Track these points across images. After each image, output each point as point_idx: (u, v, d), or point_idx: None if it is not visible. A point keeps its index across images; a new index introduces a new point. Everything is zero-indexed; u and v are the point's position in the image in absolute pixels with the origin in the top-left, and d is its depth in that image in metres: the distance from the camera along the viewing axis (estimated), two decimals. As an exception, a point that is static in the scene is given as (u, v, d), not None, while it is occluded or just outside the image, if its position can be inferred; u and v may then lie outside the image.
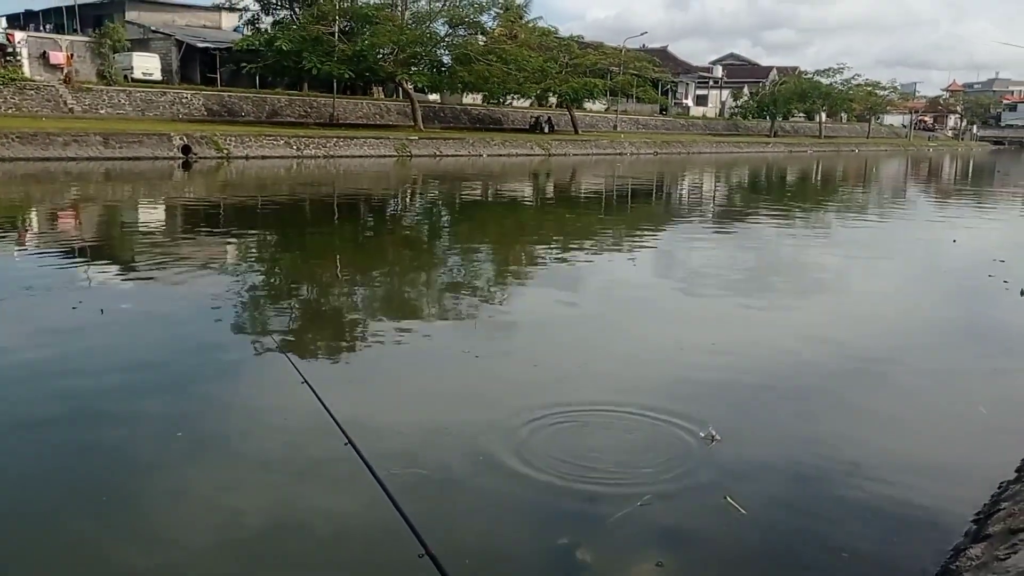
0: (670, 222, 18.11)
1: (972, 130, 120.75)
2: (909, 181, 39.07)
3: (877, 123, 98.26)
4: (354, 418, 4.70)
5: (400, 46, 40.75)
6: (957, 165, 57.33)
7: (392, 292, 9.42)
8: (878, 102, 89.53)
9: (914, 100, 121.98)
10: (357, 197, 20.95)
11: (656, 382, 5.91)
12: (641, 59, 61.11)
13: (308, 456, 4.49)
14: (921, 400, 5.90)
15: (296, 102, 42.30)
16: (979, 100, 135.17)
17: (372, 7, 42.97)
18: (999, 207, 24.86)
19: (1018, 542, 2.93)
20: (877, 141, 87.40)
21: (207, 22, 49.52)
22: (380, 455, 4.15)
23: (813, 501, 4.22)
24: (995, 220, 20.54)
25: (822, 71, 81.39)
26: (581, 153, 45.28)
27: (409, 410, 5.33)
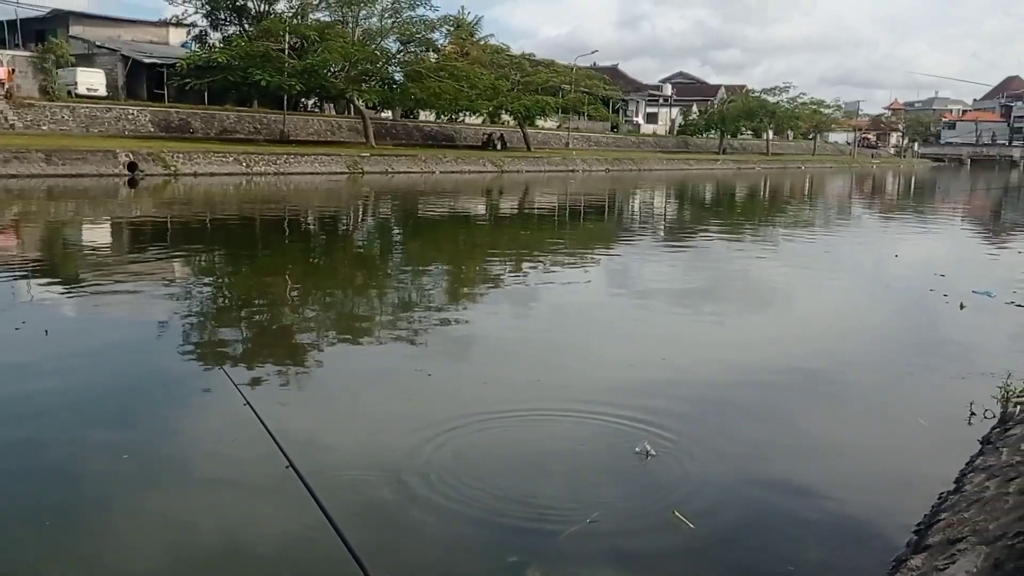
0: (623, 238, 18.25)
1: (914, 147, 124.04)
2: (854, 197, 39.95)
3: (822, 140, 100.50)
4: (298, 439, 4.65)
5: (351, 62, 40.64)
6: (900, 182, 58.80)
7: (344, 311, 9.34)
8: (823, 120, 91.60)
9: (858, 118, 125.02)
10: (308, 214, 20.76)
11: (606, 399, 5.92)
12: (592, 77, 61.78)
13: (249, 479, 4.42)
14: (865, 413, 6.00)
15: (246, 119, 41.87)
16: (920, 118, 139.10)
17: (321, 24, 42.83)
18: (940, 223, 25.53)
19: (956, 552, 2.99)
20: (823, 158, 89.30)
21: (154, 37, 48.79)
22: (323, 477, 4.10)
23: (759, 514, 4.25)
24: (936, 235, 21.08)
25: (769, 90, 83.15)
26: (534, 170, 45.51)
27: (356, 430, 5.27)
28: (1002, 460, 3.98)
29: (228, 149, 32.67)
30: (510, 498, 4.29)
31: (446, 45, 50.15)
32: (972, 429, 5.34)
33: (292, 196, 26.13)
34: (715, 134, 79.91)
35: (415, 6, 43.21)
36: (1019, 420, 4.78)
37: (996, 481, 3.64)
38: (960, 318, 9.07)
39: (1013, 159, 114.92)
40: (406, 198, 27.13)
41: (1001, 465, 3.90)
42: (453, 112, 49.49)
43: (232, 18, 45.30)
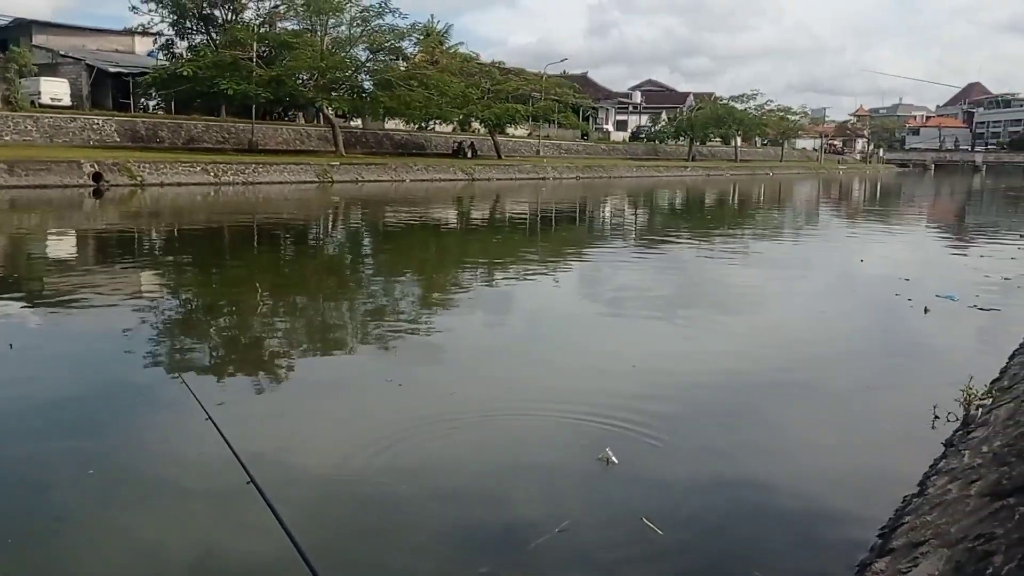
0: (594, 245, 18.32)
1: (879, 153, 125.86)
2: (821, 203, 40.41)
3: (790, 147, 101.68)
4: (260, 453, 4.60)
5: (320, 71, 40.49)
6: (866, 187, 59.57)
7: (313, 321, 9.27)
8: (790, 127, 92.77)
9: (824, 125, 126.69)
10: (277, 224, 20.60)
11: (575, 406, 5.92)
12: (562, 85, 62.00)
13: (209, 495, 4.36)
14: (831, 417, 6.05)
15: (214, 128, 41.51)
16: (885, 124, 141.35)
17: (290, 33, 42.63)
18: (905, 227, 25.89)
19: (919, 555, 3.01)
20: (790, 164, 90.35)
21: (119, 46, 48.28)
22: (284, 491, 4.06)
23: (727, 520, 4.27)
24: (901, 240, 21.36)
25: (736, 97, 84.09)
26: (504, 178, 45.55)
27: (320, 442, 5.21)
28: (964, 463, 4.02)
29: (196, 159, 32.40)
30: (478, 508, 4.29)
31: (416, 53, 50.11)
32: (936, 432, 5.40)
33: (261, 206, 25.94)
34: (684, 140, 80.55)
35: (383, 14, 43.24)
36: (980, 423, 4.84)
37: (958, 484, 3.68)
38: (924, 322, 9.20)
39: (976, 164, 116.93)
40: (376, 207, 27.03)
41: (963, 468, 3.94)
42: (423, 120, 49.45)
43: (199, 27, 44.97)
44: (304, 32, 43.28)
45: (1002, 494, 3.09)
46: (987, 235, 22.34)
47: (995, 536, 2.70)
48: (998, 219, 29.85)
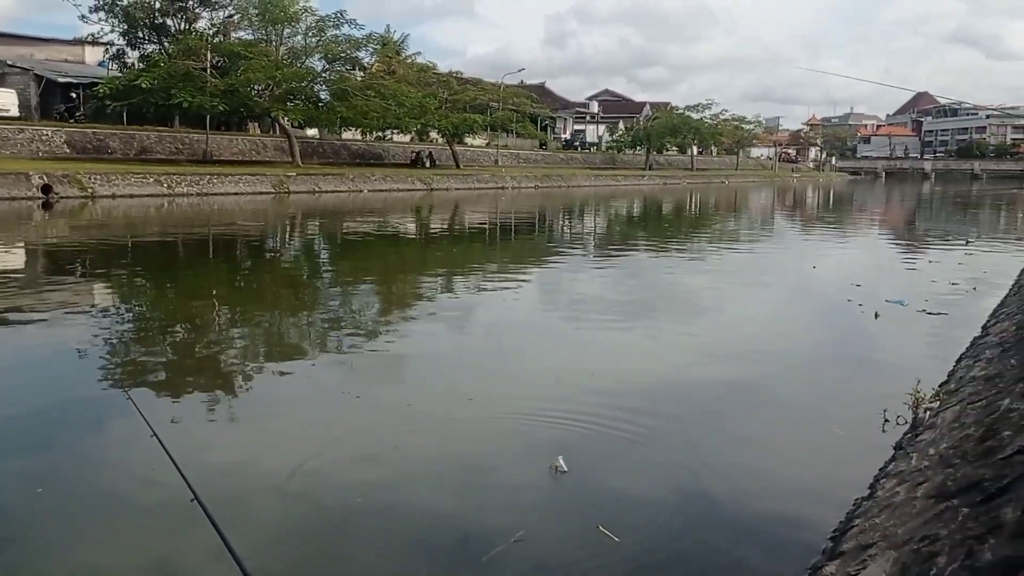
0: (553, 254, 18.36)
1: (832, 161, 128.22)
2: (776, 211, 41.01)
3: (745, 156, 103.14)
4: (208, 470, 4.53)
5: (275, 81, 40.15)
6: (819, 195, 60.63)
7: (269, 334, 9.15)
8: (745, 136, 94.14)
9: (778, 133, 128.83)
10: (233, 236, 20.34)
11: (532, 416, 5.92)
12: (520, 95, 62.27)
13: (152, 514, 4.26)
14: (785, 422, 6.13)
15: (167, 138, 40.91)
16: (837, 133, 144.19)
17: (244, 43, 42.23)
18: (856, 234, 26.38)
19: (868, 558, 3.05)
20: (745, 173, 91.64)
21: (69, 56, 47.38)
22: (231, 509, 4.00)
23: (682, 525, 4.29)
24: (852, 246, 21.77)
25: (692, 106, 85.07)
26: (463, 187, 45.54)
27: (270, 458, 5.11)
28: (912, 465, 4.09)
29: (148, 170, 31.90)
30: (433, 520, 4.25)
31: (373, 63, 49.97)
32: (886, 435, 5.48)
33: (216, 217, 25.61)
34: (641, 150, 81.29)
35: (340, 25, 43.03)
36: (928, 425, 4.93)
37: (906, 486, 3.74)
38: (875, 327, 9.36)
39: (925, 171, 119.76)
40: (334, 217, 26.84)
41: (911, 470, 4.01)
42: (381, 130, 49.30)
43: (151, 37, 44.31)
44: (259, 42, 42.92)
45: (947, 495, 3.14)
46: (936, 241, 22.84)
47: (939, 537, 2.74)
48: (946, 225, 30.54)
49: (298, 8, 42.41)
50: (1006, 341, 6.48)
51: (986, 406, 4.37)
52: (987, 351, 6.58)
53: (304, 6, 42.97)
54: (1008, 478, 2.89)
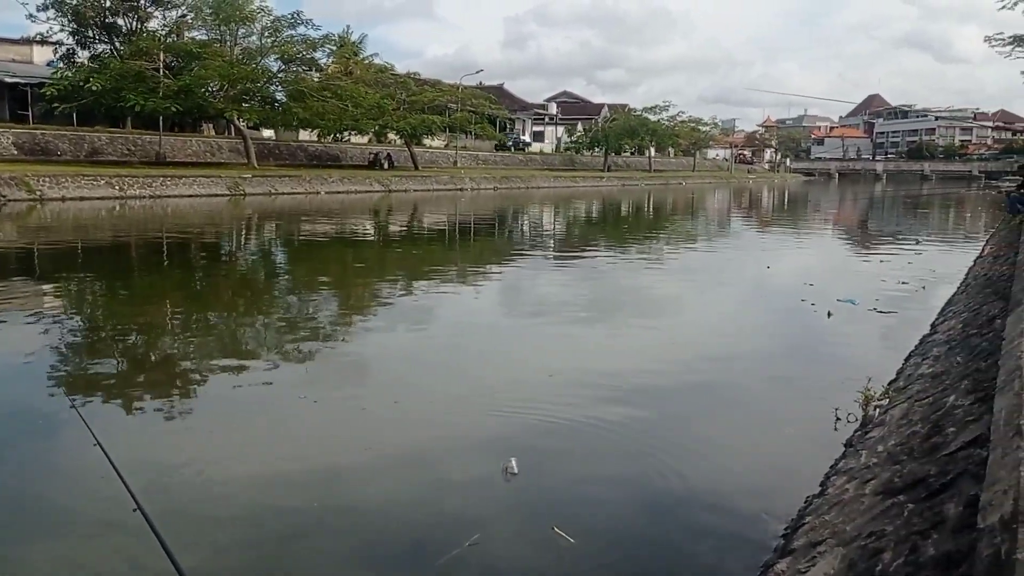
0: (513, 256, 18.36)
1: (786, 163, 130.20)
2: (732, 212, 41.48)
3: (702, 157, 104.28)
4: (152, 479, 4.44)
5: (230, 82, 39.63)
6: (774, 195, 61.46)
7: (222, 338, 9.01)
8: (701, 137, 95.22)
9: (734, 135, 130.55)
10: (187, 238, 20.01)
11: (488, 419, 5.92)
12: (478, 96, 62.26)
13: (94, 524, 4.16)
14: (739, 421, 6.18)
15: (118, 140, 40.16)
16: (791, 135, 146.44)
17: (197, 43, 41.60)
18: (810, 234, 26.79)
19: (817, 554, 3.08)
20: (702, 174, 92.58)
21: (17, 56, 46.23)
22: (175, 519, 3.93)
23: (637, 524, 4.31)
24: (806, 246, 22.11)
25: (649, 108, 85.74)
26: (422, 189, 45.37)
27: (220, 465, 5.02)
28: (861, 462, 4.15)
29: (99, 172, 31.27)
30: (386, 526, 4.22)
31: (330, 64, 49.58)
32: (838, 433, 5.56)
33: (170, 220, 25.18)
34: (599, 151, 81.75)
35: (295, 25, 42.60)
36: (877, 423, 5.01)
37: (855, 483, 3.79)
38: (827, 326, 9.50)
39: (877, 172, 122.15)
40: (291, 219, 26.55)
41: (860, 467, 4.06)
42: (338, 132, 48.92)
43: (101, 36, 43.42)
44: (213, 42, 42.33)
45: (893, 492, 3.19)
46: (887, 241, 23.28)
47: (885, 533, 2.78)
48: (897, 225, 31.14)
49: (253, 8, 41.95)
50: (953, 339, 6.61)
51: (932, 403, 4.46)
52: (935, 349, 6.71)
53: (259, 6, 42.55)
54: (951, 474, 2.95)
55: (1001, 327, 5.01)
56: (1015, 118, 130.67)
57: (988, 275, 10.07)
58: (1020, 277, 6.52)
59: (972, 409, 3.69)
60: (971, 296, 9.06)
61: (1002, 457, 2.52)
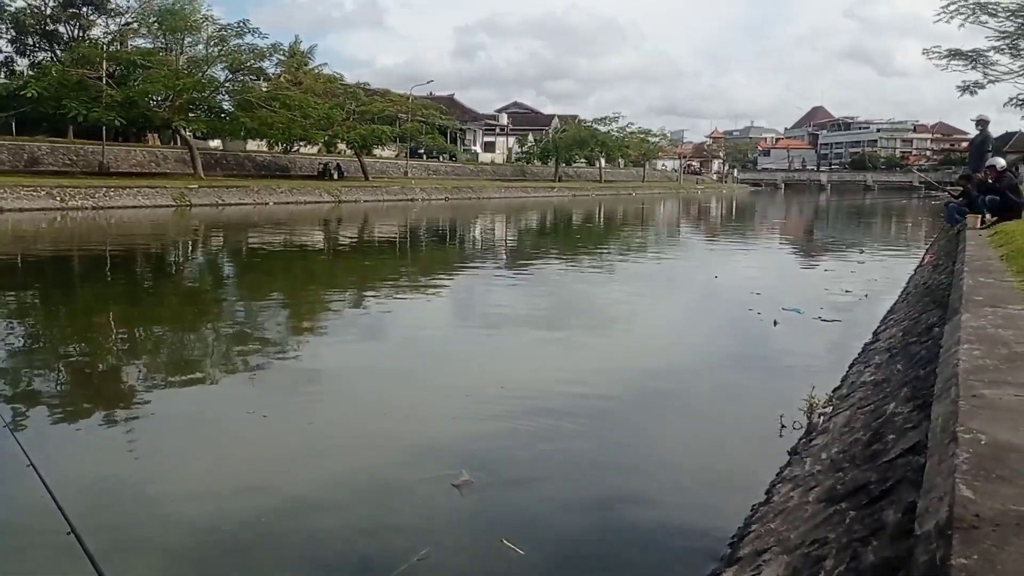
0: (465, 266, 18.34)
1: (734, 173, 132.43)
2: (681, 222, 41.99)
3: (651, 168, 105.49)
4: (90, 501, 4.33)
5: (176, 91, 39.02)
6: (722, 206, 62.40)
7: (167, 352, 8.82)
8: (650, 148, 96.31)
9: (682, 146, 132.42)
10: (131, 250, 19.61)
11: (437, 432, 5.89)
12: (428, 106, 62.19)
13: (25, 549, 4.03)
14: (688, 430, 6.23)
15: (60, 150, 39.26)
16: (738, 146, 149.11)
17: (141, 52, 40.92)
18: (757, 244, 27.24)
19: (762, 563, 3.11)
20: (651, 184, 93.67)
21: (-48, 63, 45.02)
22: (111, 543, 3.82)
23: (586, 535, 4.31)
24: (753, 256, 22.46)
25: (599, 119, 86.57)
26: (372, 199, 45.15)
27: (160, 484, 4.90)
28: (805, 470, 4.21)
29: (39, 182, 30.53)
30: (334, 541, 4.15)
31: (278, 74, 49.13)
32: (783, 440, 5.63)
33: (113, 231, 24.67)
34: (550, 162, 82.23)
35: (242, 34, 42.12)
36: (821, 430, 5.09)
37: (799, 491, 3.84)
38: (773, 334, 9.64)
39: (821, 183, 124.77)
40: (239, 231, 26.20)
41: (804, 475, 4.12)
42: (287, 142, 48.47)
43: (42, 44, 42.48)
44: (158, 51, 41.67)
45: (835, 499, 3.24)
46: (831, 250, 23.77)
47: (828, 540, 2.82)
48: (841, 235, 31.82)
49: (198, 17, 41.40)
50: (893, 347, 6.76)
51: (874, 410, 4.54)
52: (876, 357, 6.85)
53: (205, 15, 41.99)
54: (891, 481, 3.00)
55: (939, 335, 5.14)
56: (953, 130, 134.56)
57: (928, 284, 10.33)
58: (957, 286, 6.69)
59: (911, 416, 3.77)
60: (911, 304, 9.28)
61: (938, 464, 2.57)
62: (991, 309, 5.26)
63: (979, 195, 15.46)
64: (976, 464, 2.42)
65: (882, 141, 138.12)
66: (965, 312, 5.11)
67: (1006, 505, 2.15)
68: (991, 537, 1.97)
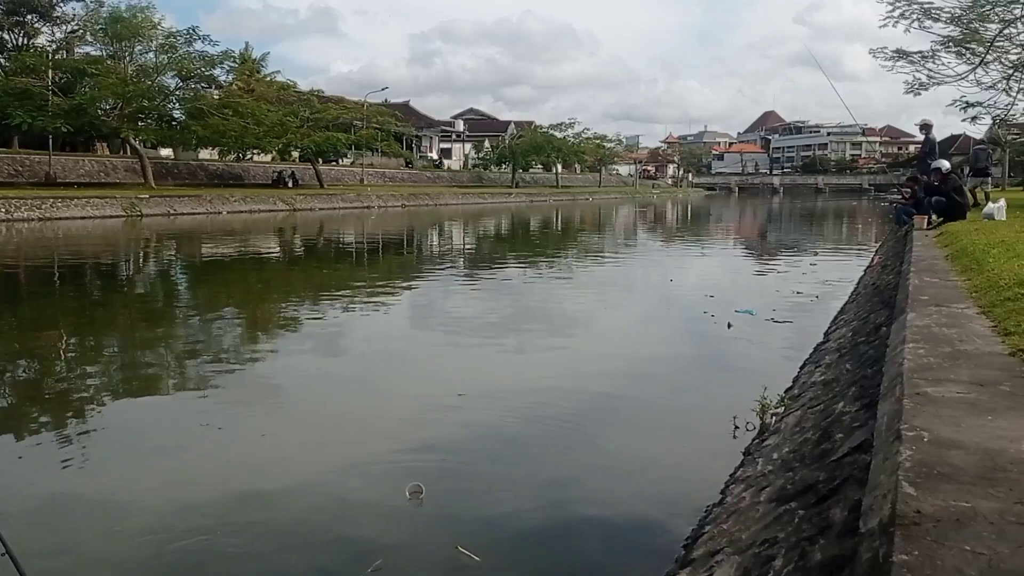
0: (423, 273, 18.26)
1: (688, 178, 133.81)
2: (638, 226, 42.30)
3: (607, 173, 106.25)
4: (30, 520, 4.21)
5: (125, 100, 38.36)
6: (678, 210, 63.01)
7: (120, 366, 8.65)
8: (606, 154, 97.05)
9: (638, 151, 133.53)
10: (79, 262, 19.19)
11: (395, 442, 5.84)
12: (384, 113, 62.00)
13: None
14: (644, 433, 6.26)
15: (4, 160, 38.35)
16: (692, 150, 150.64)
17: (89, 59, 40.16)
18: (712, 247, 27.54)
19: (715, 564, 3.13)
20: (608, 189, 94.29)
21: None
22: (49, 565, 3.73)
23: (542, 540, 4.30)
24: (708, 259, 22.72)
25: (556, 125, 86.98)
26: (328, 207, 44.80)
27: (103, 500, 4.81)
28: (757, 470, 4.25)
29: (-17, 194, 29.81)
30: (287, 555, 4.10)
31: (230, 82, 48.56)
32: (737, 441, 5.69)
33: (60, 243, 24.14)
34: (507, 168, 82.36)
35: (192, 41, 41.57)
36: (773, 431, 5.15)
37: (751, 491, 3.88)
38: (727, 337, 9.75)
39: (774, 186, 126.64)
40: (191, 241, 25.80)
41: (756, 475, 4.16)
42: (240, 150, 47.91)
43: (-16, 51, 41.54)
44: (105, 59, 40.93)
45: (786, 499, 3.27)
46: (784, 252, 24.12)
47: (778, 540, 2.85)
48: (794, 237, 32.32)
49: (146, 24, 40.75)
50: (843, 347, 6.87)
51: (823, 410, 4.61)
52: (827, 357, 6.96)
53: (154, 22, 41.37)
54: (838, 479, 3.04)
55: (886, 335, 5.23)
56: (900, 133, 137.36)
57: (876, 284, 10.52)
58: (904, 286, 6.82)
59: (859, 415, 3.83)
60: (860, 305, 9.44)
61: (883, 462, 2.61)
62: (936, 308, 5.37)
63: (925, 197, 15.81)
64: (919, 461, 2.46)
65: (832, 144, 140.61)
66: (911, 312, 5.21)
67: (947, 501, 2.18)
68: (932, 533, 2.00)
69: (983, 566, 1.85)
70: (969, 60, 21.54)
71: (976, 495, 2.24)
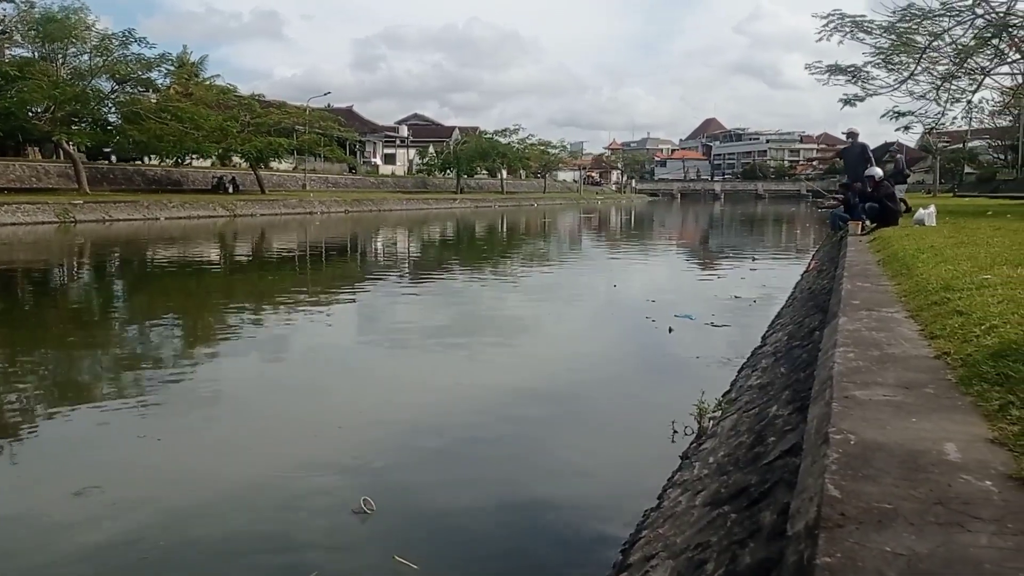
0: (367, 280, 18.09)
1: (632, 184, 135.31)
2: (582, 232, 42.59)
3: (552, 179, 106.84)
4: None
5: (56, 103, 37.32)
6: (621, 216, 63.61)
7: (52, 377, 8.38)
8: (551, 160, 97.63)
9: (582, 157, 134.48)
10: (9, 270, 18.58)
11: (338, 454, 5.78)
12: (326, 118, 61.34)
13: None
14: (584, 439, 6.29)
15: (-71, 165, 37.05)
16: (636, 157, 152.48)
17: (18, 62, 39.00)
18: (654, 253, 27.85)
19: (650, 568, 3.16)
20: (553, 196, 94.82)
21: None
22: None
23: (482, 548, 4.30)
24: (650, 265, 22.97)
25: (501, 131, 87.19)
26: (269, 213, 44.18)
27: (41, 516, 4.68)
28: (694, 474, 4.30)
29: (-96, 200, 28.72)
30: (225, 567, 4.02)
31: (168, 85, 47.61)
32: (675, 445, 5.75)
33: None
34: (452, 174, 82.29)
35: (128, 43, 40.64)
36: (711, 434, 5.22)
37: (687, 495, 3.92)
38: (668, 341, 9.86)
39: (715, 192, 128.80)
40: (127, 248, 25.20)
41: (693, 479, 4.21)
42: (179, 155, 46.99)
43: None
44: (36, 61, 39.79)
45: (719, 503, 3.32)
46: (724, 257, 24.51)
47: (710, 544, 2.88)
48: (734, 242, 32.86)
49: (80, 25, 39.73)
50: (779, 351, 7.00)
51: (758, 414, 4.68)
52: (763, 360, 7.08)
53: (87, 23, 40.34)
54: (769, 483, 3.09)
55: (819, 339, 5.34)
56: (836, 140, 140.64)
57: (812, 288, 10.75)
58: (837, 290, 6.98)
59: (791, 419, 3.90)
60: (796, 309, 9.64)
61: (811, 465, 2.66)
62: (867, 312, 5.50)
63: (859, 203, 16.21)
64: (845, 464, 2.52)
65: (771, 151, 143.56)
66: (843, 316, 5.33)
67: (870, 503, 2.23)
68: (854, 535, 2.04)
69: (902, 566, 1.90)
70: (899, 73, 22.26)
71: (898, 496, 2.29)
